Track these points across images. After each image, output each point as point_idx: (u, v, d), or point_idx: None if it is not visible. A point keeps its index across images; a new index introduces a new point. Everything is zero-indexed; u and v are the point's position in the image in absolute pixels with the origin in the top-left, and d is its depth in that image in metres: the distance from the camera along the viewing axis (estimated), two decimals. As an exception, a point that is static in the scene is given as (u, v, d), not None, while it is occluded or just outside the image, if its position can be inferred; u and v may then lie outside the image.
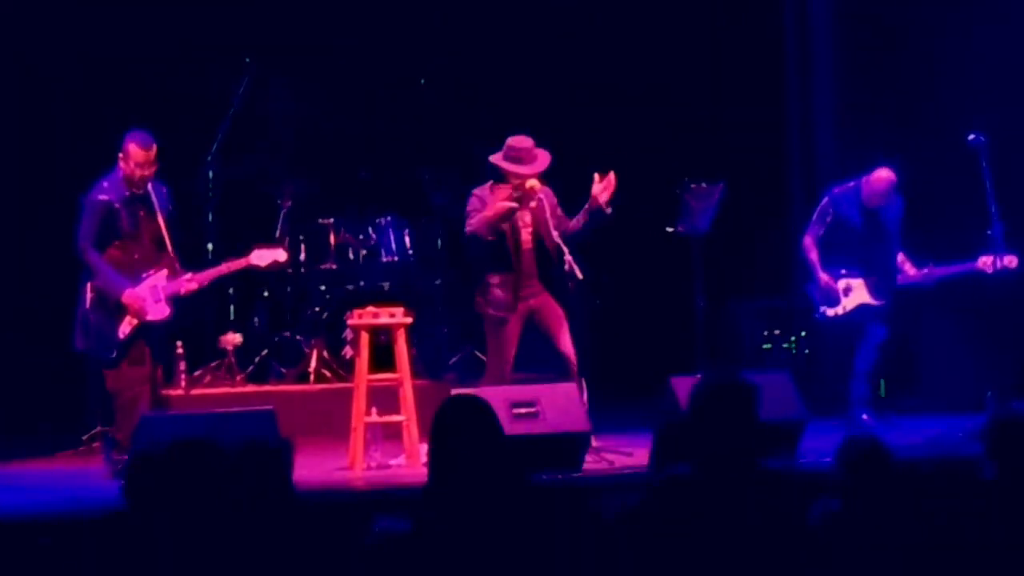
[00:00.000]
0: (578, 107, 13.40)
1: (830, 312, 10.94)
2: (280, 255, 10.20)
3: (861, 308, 10.89)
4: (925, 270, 10.88)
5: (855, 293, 10.92)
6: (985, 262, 10.59)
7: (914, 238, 11.02)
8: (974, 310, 11.63)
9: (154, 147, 9.53)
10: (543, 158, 9.83)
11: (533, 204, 9.82)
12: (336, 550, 5.44)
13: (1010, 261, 10.50)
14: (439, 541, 4.91)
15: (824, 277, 10.90)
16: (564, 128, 12.71)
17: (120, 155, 9.53)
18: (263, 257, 10.07)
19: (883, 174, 10.79)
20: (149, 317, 9.55)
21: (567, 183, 10.15)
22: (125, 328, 9.52)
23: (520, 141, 9.82)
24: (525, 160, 9.79)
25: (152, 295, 9.57)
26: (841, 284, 10.92)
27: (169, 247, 9.67)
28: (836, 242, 10.92)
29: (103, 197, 9.49)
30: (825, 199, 11.04)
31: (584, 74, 13.46)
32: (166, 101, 12.00)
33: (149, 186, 9.59)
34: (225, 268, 10.07)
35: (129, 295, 9.50)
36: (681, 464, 5.41)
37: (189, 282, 9.74)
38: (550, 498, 5.08)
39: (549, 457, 8.80)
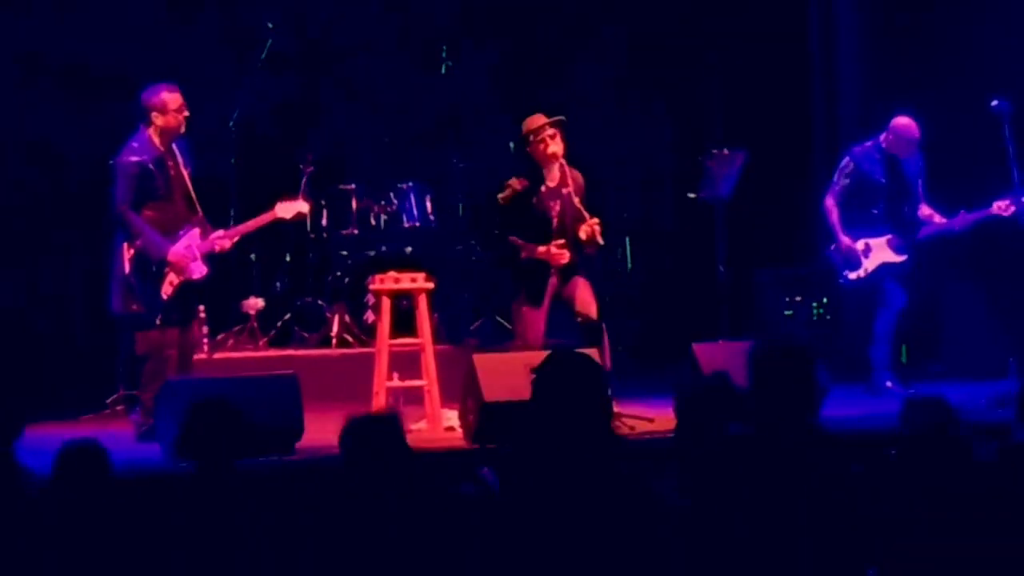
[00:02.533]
0: (601, 73, 13.37)
1: (852, 276, 10.93)
2: (302, 206, 10.32)
3: (883, 267, 10.87)
4: (956, 217, 10.83)
5: (876, 252, 10.90)
6: (1000, 206, 10.58)
7: (936, 202, 10.98)
8: (997, 276, 11.62)
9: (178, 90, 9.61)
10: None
11: (567, 189, 9.87)
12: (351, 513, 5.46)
13: None
14: (530, 500, 4.89)
15: (845, 240, 10.88)
16: (588, 94, 12.73)
17: (153, 113, 9.55)
18: (287, 209, 10.17)
19: (904, 120, 10.76)
20: (194, 276, 9.62)
21: (589, 149, 10.16)
22: (167, 289, 9.58)
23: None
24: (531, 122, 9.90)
25: (189, 254, 9.63)
26: (860, 245, 10.90)
27: (196, 204, 9.73)
28: (860, 201, 10.90)
29: (135, 158, 9.52)
30: (846, 158, 11.02)
31: (607, 39, 13.42)
32: (188, 65, 11.99)
33: (172, 143, 9.65)
34: (254, 224, 10.15)
35: (175, 254, 9.56)
36: (733, 425, 5.46)
37: (222, 239, 9.81)
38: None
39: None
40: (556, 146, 9.89)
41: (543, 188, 9.95)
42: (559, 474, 4.92)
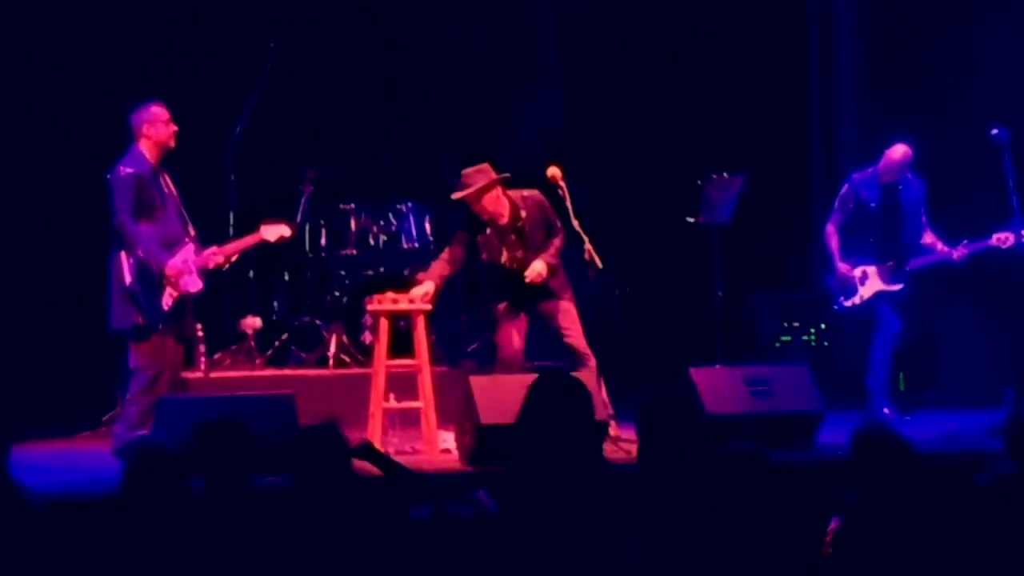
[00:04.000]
0: (600, 96, 13.39)
1: (847, 303, 10.93)
2: (285, 230, 10.21)
3: (878, 295, 10.87)
4: (957, 248, 10.81)
5: (872, 280, 10.90)
6: (1000, 238, 10.58)
7: (935, 229, 10.98)
8: (993, 305, 11.63)
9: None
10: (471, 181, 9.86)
11: (521, 223, 9.85)
12: (351, 534, 5.46)
13: None
14: (522, 522, 4.90)
15: (842, 267, 10.88)
16: (587, 116, 12.73)
17: (144, 125, 9.58)
18: (271, 232, 10.14)
19: (899, 148, 10.79)
20: (190, 289, 9.61)
21: (588, 173, 10.16)
22: (167, 300, 9.56)
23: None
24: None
25: (185, 267, 9.62)
26: (857, 272, 10.90)
27: (190, 223, 9.75)
28: (855, 227, 10.91)
29: (130, 169, 9.53)
30: (845, 186, 11.04)
31: (606, 63, 13.45)
32: (189, 85, 12.00)
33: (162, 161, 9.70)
34: (240, 244, 10.17)
35: (172, 266, 9.54)
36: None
37: (215, 255, 9.81)
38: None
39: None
40: (498, 206, 9.86)
41: (488, 231, 9.94)
42: (550, 496, 4.93)
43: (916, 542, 5.26)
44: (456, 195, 9.88)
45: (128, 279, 9.53)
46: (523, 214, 9.87)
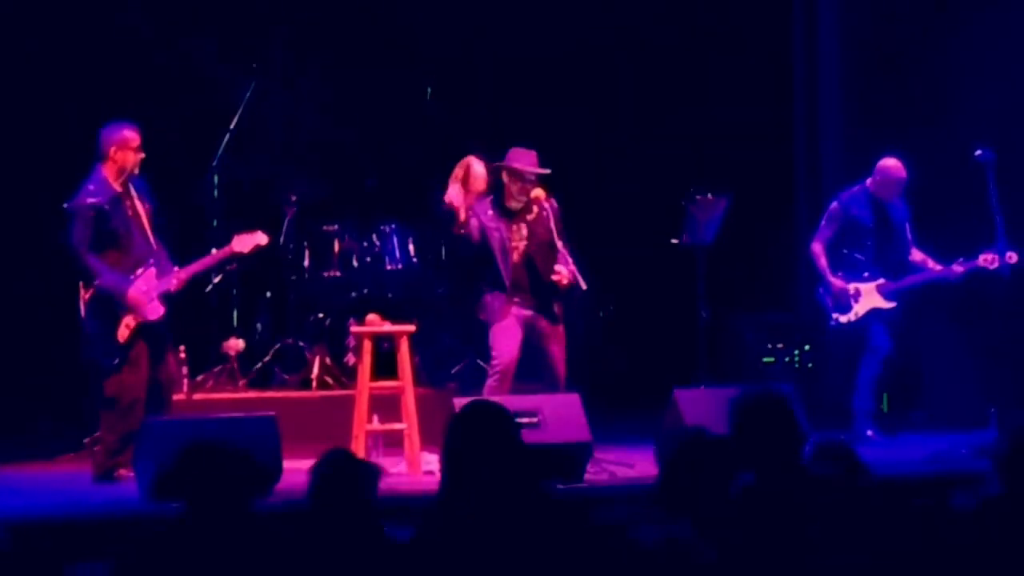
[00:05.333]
0: (584, 117, 13.40)
1: (843, 319, 10.91)
2: (260, 238, 9.96)
3: (872, 313, 10.86)
4: (952, 266, 10.81)
5: (865, 298, 10.88)
6: (986, 259, 10.59)
7: (921, 249, 10.98)
8: (978, 325, 11.62)
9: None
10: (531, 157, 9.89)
11: (531, 216, 9.84)
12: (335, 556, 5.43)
13: (1010, 257, 10.51)
14: (449, 548, 4.89)
15: (837, 282, 10.87)
16: (569, 138, 12.71)
17: (112, 147, 9.46)
18: (244, 243, 9.87)
19: (891, 161, 10.80)
20: (150, 317, 9.49)
21: (571, 193, 10.15)
22: (123, 332, 9.41)
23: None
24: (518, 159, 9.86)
25: (146, 295, 9.51)
26: (851, 288, 10.89)
27: (154, 242, 9.62)
28: (845, 245, 10.90)
29: (91, 200, 9.40)
30: (834, 203, 11.03)
31: (590, 84, 13.46)
32: (172, 106, 11.99)
33: (128, 183, 9.57)
34: (210, 259, 10.02)
35: (132, 295, 9.44)
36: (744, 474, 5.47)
37: (178, 276, 9.60)
38: (557, 508, 5.06)
39: (550, 467, 8.79)
40: (538, 191, 9.87)
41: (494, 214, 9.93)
42: (477, 522, 4.92)
43: (893, 568, 5.25)
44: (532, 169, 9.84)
45: (82, 314, 9.45)
46: (535, 208, 9.87)
